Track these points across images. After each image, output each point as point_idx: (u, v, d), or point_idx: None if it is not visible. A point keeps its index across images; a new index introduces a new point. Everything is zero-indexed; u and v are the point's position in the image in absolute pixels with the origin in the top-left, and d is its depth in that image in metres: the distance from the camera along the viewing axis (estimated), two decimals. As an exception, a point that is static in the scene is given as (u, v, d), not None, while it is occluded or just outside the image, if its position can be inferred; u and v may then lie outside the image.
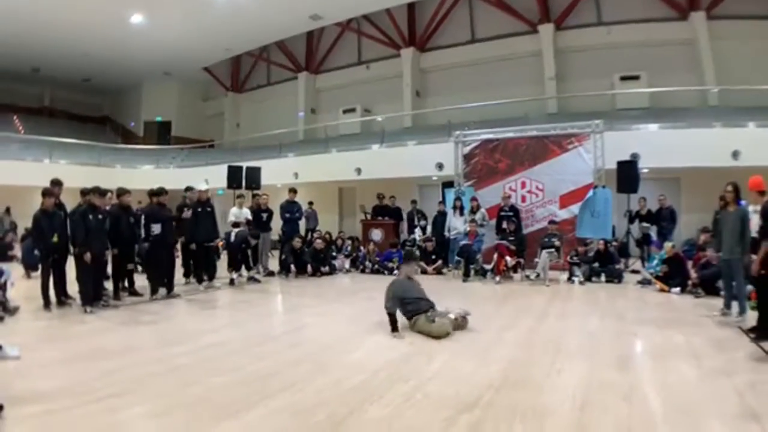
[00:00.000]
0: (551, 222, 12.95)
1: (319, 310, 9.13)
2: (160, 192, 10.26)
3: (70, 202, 9.72)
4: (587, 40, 20.70)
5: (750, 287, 7.82)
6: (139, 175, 23.82)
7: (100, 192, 8.98)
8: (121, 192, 9.91)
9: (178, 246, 11.17)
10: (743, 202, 7.82)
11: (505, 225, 13.00)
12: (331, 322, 8.08)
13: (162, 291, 9.90)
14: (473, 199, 13.73)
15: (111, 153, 26.16)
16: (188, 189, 11.75)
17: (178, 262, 11.04)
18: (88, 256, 8.43)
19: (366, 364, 5.50)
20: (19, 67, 27.87)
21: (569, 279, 11.98)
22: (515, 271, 12.43)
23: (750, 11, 17.82)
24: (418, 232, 15.52)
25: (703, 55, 18.35)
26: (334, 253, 14.62)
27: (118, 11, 21.60)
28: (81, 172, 20.20)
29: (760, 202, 6.82)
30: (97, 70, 29.40)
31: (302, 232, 15.85)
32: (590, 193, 13.16)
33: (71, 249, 8.91)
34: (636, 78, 19.03)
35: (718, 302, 8.31)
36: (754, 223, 7.13)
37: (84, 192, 9.29)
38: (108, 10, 21.23)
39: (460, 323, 6.96)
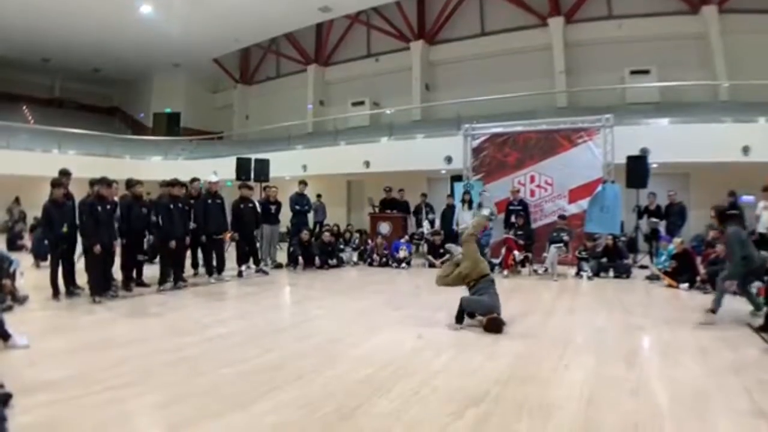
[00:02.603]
0: (560, 217, 12.96)
1: (327, 302, 9.13)
2: (173, 183, 10.28)
3: (79, 192, 9.71)
4: (597, 33, 20.56)
5: (758, 283, 7.79)
6: (147, 167, 23.89)
7: (107, 182, 9.03)
8: (132, 183, 9.95)
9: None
10: (746, 198, 7.68)
11: (513, 219, 13.01)
12: (338, 314, 8.08)
13: (170, 281, 9.98)
14: (482, 194, 13.69)
15: (120, 144, 26.29)
16: (194, 180, 11.78)
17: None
18: (98, 248, 8.51)
19: (373, 357, 5.51)
20: (29, 57, 28.00)
21: (577, 274, 11.95)
22: (523, 266, 12.42)
23: (762, 5, 17.63)
24: (426, 225, 15.51)
25: (715, 49, 18.20)
26: (342, 246, 14.63)
27: (128, 1, 21.63)
28: (90, 162, 20.30)
29: None
30: (107, 61, 29.51)
31: (311, 224, 15.87)
32: (599, 188, 13.10)
33: (79, 239, 8.97)
34: (646, 72, 18.89)
35: (727, 299, 8.17)
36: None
37: (92, 183, 9.32)
38: (118, 0, 21.24)
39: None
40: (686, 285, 10.16)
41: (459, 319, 6.88)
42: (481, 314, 6.82)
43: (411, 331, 6.64)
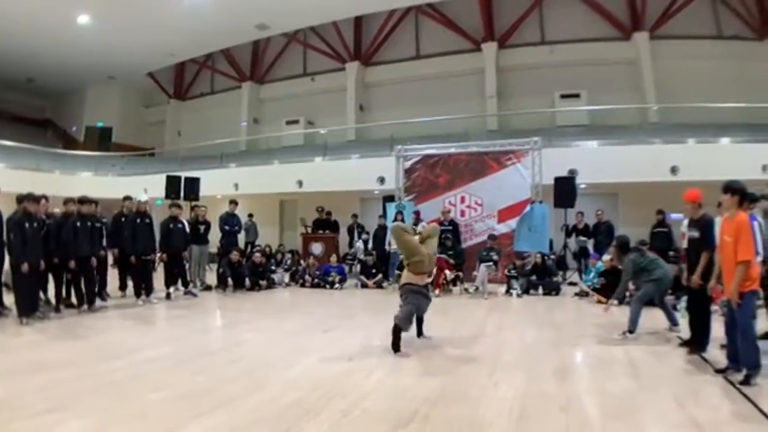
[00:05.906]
0: (491, 237, 13.20)
1: (257, 325, 9.07)
2: (85, 201, 10.02)
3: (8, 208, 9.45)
4: (530, 58, 21.05)
5: None
6: (77, 182, 22.95)
7: (35, 198, 8.79)
8: (66, 200, 9.78)
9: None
10: (675, 216, 7.89)
11: (443, 239, 13.17)
12: (268, 337, 8.02)
13: (99, 302, 9.87)
14: (415, 212, 13.81)
15: (50, 158, 25.31)
16: (126, 198, 11.55)
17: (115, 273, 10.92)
18: (25, 267, 8.28)
19: (304, 380, 5.48)
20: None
21: (507, 292, 12.18)
22: (454, 285, 12.58)
23: (691, 32, 18.67)
24: (359, 245, 15.54)
25: (645, 73, 18.91)
26: (273, 267, 14.51)
27: (65, 11, 20.97)
28: (19, 176, 19.49)
29: (695, 214, 6.80)
30: (42, 71, 28.30)
31: (241, 244, 15.69)
32: (528, 208, 13.38)
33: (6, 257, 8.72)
34: (577, 96, 19.41)
35: (656, 313, 8.39)
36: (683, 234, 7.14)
37: (19, 199, 9.04)
38: (55, 9, 20.64)
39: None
40: (615, 301, 10.40)
41: (396, 347, 6.57)
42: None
43: (342, 353, 6.63)
